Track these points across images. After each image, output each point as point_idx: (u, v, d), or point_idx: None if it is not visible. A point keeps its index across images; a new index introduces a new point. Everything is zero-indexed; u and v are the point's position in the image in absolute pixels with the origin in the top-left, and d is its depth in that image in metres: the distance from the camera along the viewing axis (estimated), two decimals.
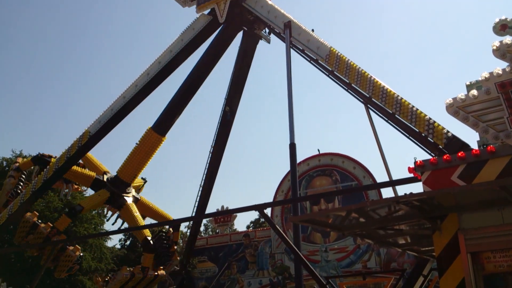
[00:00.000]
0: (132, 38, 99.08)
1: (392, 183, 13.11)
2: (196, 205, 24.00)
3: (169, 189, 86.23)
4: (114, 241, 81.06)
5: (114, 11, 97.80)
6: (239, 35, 21.01)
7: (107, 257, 42.43)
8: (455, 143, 11.14)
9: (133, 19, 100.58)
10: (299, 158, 25.83)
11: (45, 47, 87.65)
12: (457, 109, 6.78)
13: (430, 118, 12.12)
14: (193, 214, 22.55)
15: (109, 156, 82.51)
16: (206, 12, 20.40)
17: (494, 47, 6.77)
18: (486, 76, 6.76)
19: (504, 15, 7.61)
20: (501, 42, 6.77)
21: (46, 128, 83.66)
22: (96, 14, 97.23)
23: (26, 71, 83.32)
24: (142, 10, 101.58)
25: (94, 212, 41.64)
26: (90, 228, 39.41)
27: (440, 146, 11.42)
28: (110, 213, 21.58)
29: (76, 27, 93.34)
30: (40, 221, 19.62)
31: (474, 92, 6.77)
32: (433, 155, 11.99)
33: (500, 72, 6.66)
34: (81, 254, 16.58)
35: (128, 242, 53.75)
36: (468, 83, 10.42)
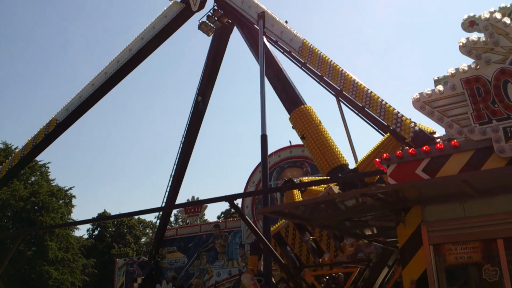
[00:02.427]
0: (101, 24, 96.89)
1: (360, 175, 13.31)
2: (166, 195, 23.82)
3: (139, 178, 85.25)
4: (81, 231, 79.70)
5: None
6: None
7: (74, 247, 41.72)
8: (422, 137, 11.37)
9: (102, 4, 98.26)
10: (271, 150, 25.98)
11: (10, 32, 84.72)
12: (423, 104, 6.90)
13: (398, 112, 12.33)
14: (163, 205, 22.34)
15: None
16: (179, 0, 20.10)
17: (461, 44, 6.90)
18: (452, 72, 6.89)
19: (472, 12, 7.76)
20: (467, 39, 6.90)
21: (11, 115, 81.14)
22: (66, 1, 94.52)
23: None
24: None
25: (61, 201, 40.85)
26: (57, 218, 38.60)
27: (407, 140, 11.64)
28: None
29: (42, 10, 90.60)
30: None
31: (440, 87, 6.89)
32: (401, 148, 12.21)
33: (466, 68, 6.80)
34: None
35: (96, 232, 53.03)
36: (436, 78, 10.63)
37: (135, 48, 20.05)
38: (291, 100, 16.53)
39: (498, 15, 6.79)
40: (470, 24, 9.90)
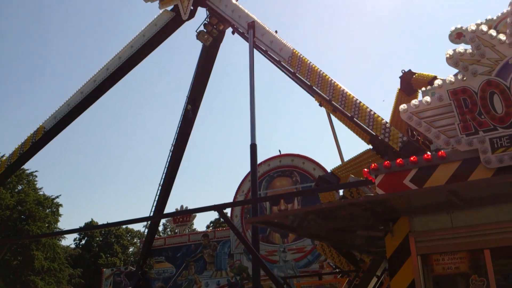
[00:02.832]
0: (92, 32, 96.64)
1: (349, 185, 13.36)
2: (155, 204, 23.66)
3: (127, 187, 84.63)
4: (68, 241, 78.86)
5: (72, 2, 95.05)
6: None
7: (60, 257, 41.16)
8: (410, 147, 11.46)
9: (92, 12, 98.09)
10: (260, 159, 25.95)
11: None
12: (410, 114, 6.95)
13: (386, 122, 12.42)
14: (151, 214, 22.17)
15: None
16: (169, 8, 20.14)
17: (448, 55, 6.98)
18: (439, 83, 6.96)
19: (459, 24, 7.86)
20: (454, 50, 6.98)
21: None
22: (53, 4, 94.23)
23: None
24: (103, 3, 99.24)
25: (48, 210, 40.38)
26: (44, 227, 38.12)
27: (396, 150, 11.72)
28: None
29: (30, 18, 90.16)
30: None
31: (427, 98, 6.96)
32: (389, 157, 12.30)
33: (453, 79, 6.87)
34: None
35: (83, 242, 52.42)
36: (423, 89, 10.74)
37: (125, 56, 20.01)
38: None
39: (484, 27, 6.89)
40: (457, 35, 10.02)
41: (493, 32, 6.81)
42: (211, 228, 48.83)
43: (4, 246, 19.37)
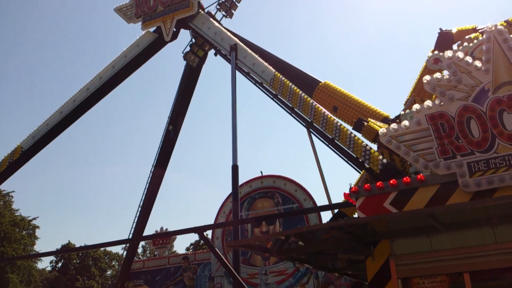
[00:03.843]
0: (74, 52, 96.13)
1: (331, 207, 13.40)
2: (134, 226, 23.23)
3: (106, 209, 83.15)
4: (44, 263, 76.72)
5: (56, 22, 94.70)
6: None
7: (36, 279, 39.97)
8: (390, 170, 11.56)
9: (75, 32, 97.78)
10: (242, 180, 25.78)
11: None
12: (390, 138, 7.05)
13: (366, 145, 12.56)
14: (130, 236, 21.75)
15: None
16: (151, 29, 20.21)
17: (425, 81, 7.13)
18: (417, 108, 7.09)
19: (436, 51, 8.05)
20: (432, 76, 7.15)
21: None
22: (36, 23, 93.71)
23: None
24: (85, 23, 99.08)
25: (24, 232, 39.35)
26: (19, 249, 37.06)
27: (376, 172, 11.81)
28: None
29: (13, 35, 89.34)
30: None
31: (406, 122, 7.07)
32: (369, 180, 12.39)
33: (430, 104, 7.01)
34: None
35: (59, 264, 51.07)
36: (402, 112, 10.92)
37: (106, 76, 19.91)
38: (309, 82, 16.57)
39: (460, 54, 7.08)
40: (435, 61, 10.27)
41: (469, 59, 7.00)
42: (191, 250, 48.14)
43: None
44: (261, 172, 30.21)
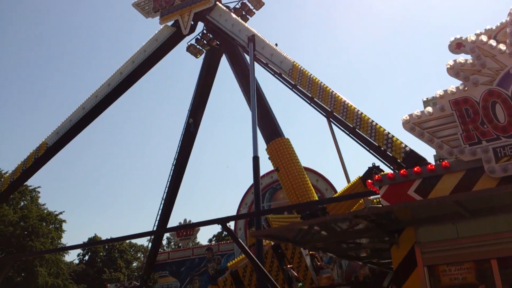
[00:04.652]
0: (94, 48, 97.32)
1: (353, 196, 13.34)
2: (158, 218, 23.57)
3: (131, 202, 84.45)
4: (72, 256, 78.50)
5: (75, 20, 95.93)
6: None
7: (64, 272, 40.94)
8: (413, 157, 11.45)
9: (94, 29, 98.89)
10: (263, 171, 25.84)
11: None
12: (413, 125, 6.95)
13: (389, 133, 12.43)
14: (155, 228, 22.09)
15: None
16: (169, 23, 20.32)
17: (448, 66, 6.99)
18: (441, 94, 6.96)
19: (459, 34, 7.88)
20: (455, 61, 7.00)
21: (1, 140, 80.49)
22: (55, 23, 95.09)
23: None
24: (104, 20, 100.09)
25: (51, 226, 40.27)
26: (47, 243, 37.97)
27: (399, 160, 11.70)
28: None
29: (33, 34, 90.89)
30: None
31: (429, 109, 6.96)
32: (392, 168, 12.29)
33: (454, 90, 6.88)
34: None
35: (86, 257, 52.18)
36: (425, 99, 10.78)
37: (126, 71, 20.15)
38: (271, 131, 17.12)
39: (484, 38, 6.92)
40: (457, 46, 10.05)
41: (493, 42, 6.84)
42: (214, 241, 48.57)
43: (8, 263, 19.29)
44: None
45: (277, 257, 13.68)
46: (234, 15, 18.99)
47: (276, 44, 17.46)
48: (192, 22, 19.72)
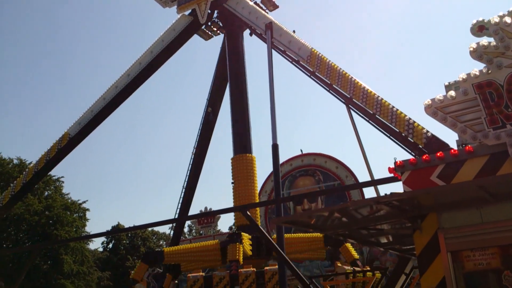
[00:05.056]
0: (112, 39, 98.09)
1: (374, 183, 13.25)
2: (179, 206, 23.85)
3: (152, 190, 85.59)
4: (96, 244, 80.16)
5: (93, 11, 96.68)
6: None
7: (89, 260, 41.91)
8: (435, 143, 11.32)
9: (113, 19, 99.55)
10: (282, 159, 25.91)
11: (21, 45, 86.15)
12: (435, 110, 6.86)
13: (410, 118, 12.29)
14: (176, 216, 22.38)
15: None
16: (186, 12, 20.33)
17: (471, 49, 6.87)
18: (464, 77, 6.85)
19: (481, 17, 7.71)
20: (478, 43, 6.87)
21: (25, 131, 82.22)
22: (74, 14, 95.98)
23: (1, 71, 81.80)
24: (122, 10, 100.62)
25: (75, 215, 41.17)
26: (72, 231, 38.88)
27: (420, 146, 11.58)
28: None
29: (53, 26, 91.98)
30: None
31: (452, 93, 6.85)
32: (413, 154, 12.17)
33: (477, 73, 6.76)
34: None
35: (110, 245, 53.25)
36: (446, 83, 10.56)
37: (145, 61, 20.28)
38: (241, 144, 17.66)
39: (508, 19, 6.75)
40: (479, 28, 9.84)
41: None
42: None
43: (35, 252, 19.82)
44: (301, 151, 30.20)
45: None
46: (251, 3, 18.89)
47: (294, 31, 17.34)
48: (209, 11, 19.70)
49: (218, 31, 20.88)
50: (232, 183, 17.84)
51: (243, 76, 19.25)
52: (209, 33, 21.17)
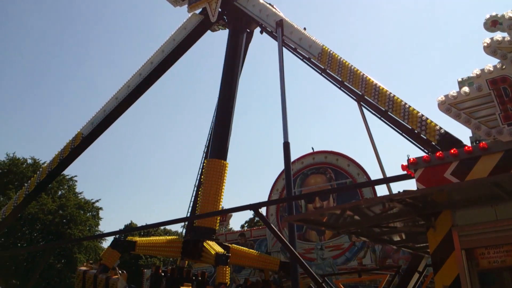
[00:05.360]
0: (123, 38, 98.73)
1: (386, 181, 13.14)
2: (191, 205, 23.94)
3: (165, 189, 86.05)
4: (109, 243, 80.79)
5: (104, 11, 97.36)
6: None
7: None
8: (448, 140, 11.19)
9: (124, 19, 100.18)
10: (293, 157, 25.77)
11: (33, 45, 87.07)
12: (449, 106, 6.79)
13: (422, 115, 12.16)
14: (188, 214, 22.47)
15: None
16: (197, 11, 20.35)
17: (485, 44, 6.79)
18: (478, 73, 6.77)
19: (494, 12, 7.61)
20: (491, 39, 6.79)
21: (39, 131, 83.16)
22: (86, 13, 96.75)
23: (14, 71, 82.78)
24: (133, 10, 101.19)
25: (89, 214, 41.55)
26: (85, 230, 39.25)
27: (433, 143, 11.45)
28: None
29: (65, 26, 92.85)
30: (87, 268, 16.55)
31: (465, 89, 6.78)
32: (426, 151, 12.05)
33: (491, 68, 6.68)
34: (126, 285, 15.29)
35: None
36: (460, 79, 10.45)
37: (157, 60, 20.34)
38: (218, 149, 18.13)
39: None
40: (493, 23, 9.73)
41: None
42: (246, 227, 49.01)
43: (49, 251, 19.99)
44: (312, 148, 30.05)
45: None
46: (261, 0, 18.85)
47: (305, 28, 17.26)
48: (220, 9, 19.70)
49: (225, 27, 20.94)
50: (201, 184, 18.47)
51: (236, 76, 19.22)
52: (216, 27, 21.35)
